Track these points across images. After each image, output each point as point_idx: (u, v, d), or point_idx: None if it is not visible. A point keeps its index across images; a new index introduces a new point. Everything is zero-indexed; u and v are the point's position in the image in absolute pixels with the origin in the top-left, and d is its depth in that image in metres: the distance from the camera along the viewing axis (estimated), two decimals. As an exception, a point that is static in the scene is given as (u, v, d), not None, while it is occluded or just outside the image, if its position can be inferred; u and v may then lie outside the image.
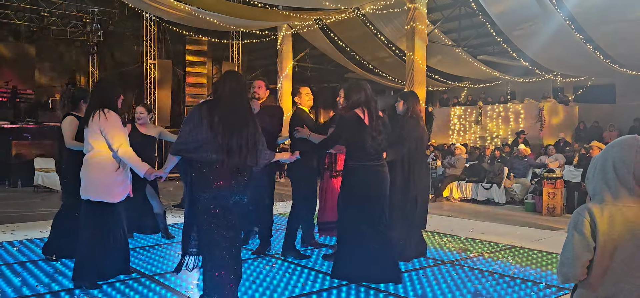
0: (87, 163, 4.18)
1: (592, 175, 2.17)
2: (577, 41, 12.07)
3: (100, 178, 4.13)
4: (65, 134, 4.94)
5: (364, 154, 4.41)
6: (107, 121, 4.10)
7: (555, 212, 8.86)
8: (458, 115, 17.67)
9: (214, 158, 3.49)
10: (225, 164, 3.49)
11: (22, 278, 4.46)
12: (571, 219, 2.14)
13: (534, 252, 5.72)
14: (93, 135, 4.13)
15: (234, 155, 3.50)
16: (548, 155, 11.41)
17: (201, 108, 3.61)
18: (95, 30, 15.72)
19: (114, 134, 4.10)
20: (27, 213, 8.35)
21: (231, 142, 3.50)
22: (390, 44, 15.97)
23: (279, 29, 16.92)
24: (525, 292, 4.24)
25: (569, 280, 2.14)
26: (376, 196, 4.44)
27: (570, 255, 2.09)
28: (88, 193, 4.15)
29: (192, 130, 3.53)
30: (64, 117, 5.10)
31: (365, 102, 4.46)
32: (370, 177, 4.42)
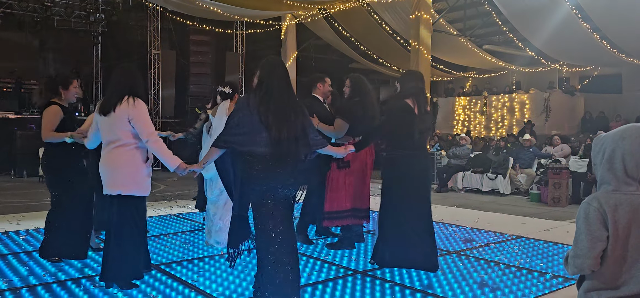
0: (113, 155, 3.85)
1: (599, 162, 2.14)
2: (584, 30, 11.96)
3: (132, 171, 3.85)
4: (44, 125, 4.51)
5: (410, 143, 4.48)
6: (137, 109, 3.82)
7: (561, 203, 8.82)
8: (463, 105, 17.60)
9: (264, 151, 3.41)
10: (276, 156, 3.41)
11: (28, 268, 4.48)
12: (581, 210, 2.11)
13: (540, 243, 5.70)
14: (120, 124, 3.81)
15: (284, 146, 3.42)
16: (553, 145, 11.36)
17: (248, 99, 3.52)
18: (99, 21, 15.68)
19: (144, 123, 3.83)
20: (32, 203, 8.38)
21: (282, 133, 3.41)
22: (394, 33, 15.88)
23: (283, 18, 16.84)
24: (531, 283, 4.23)
25: (583, 271, 2.12)
26: (420, 185, 4.55)
27: (584, 246, 2.07)
28: (118, 187, 3.83)
29: (240, 122, 3.44)
30: (47, 106, 4.59)
31: (416, 92, 4.52)
32: (415, 166, 4.50)
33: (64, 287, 3.96)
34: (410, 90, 4.51)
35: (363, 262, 4.83)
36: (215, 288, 4.00)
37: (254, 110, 3.45)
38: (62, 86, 4.64)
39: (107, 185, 3.87)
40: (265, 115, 3.42)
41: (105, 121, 3.87)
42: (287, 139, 3.43)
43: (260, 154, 3.41)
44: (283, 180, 3.48)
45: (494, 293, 3.94)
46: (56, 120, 4.52)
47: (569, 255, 2.17)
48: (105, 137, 3.92)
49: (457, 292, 3.97)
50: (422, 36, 12.36)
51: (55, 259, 4.63)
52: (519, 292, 3.98)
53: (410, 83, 4.55)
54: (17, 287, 3.97)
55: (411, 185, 4.49)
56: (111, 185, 3.85)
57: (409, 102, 4.47)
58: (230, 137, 3.47)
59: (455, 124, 17.50)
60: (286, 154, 3.43)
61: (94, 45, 16.42)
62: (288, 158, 3.45)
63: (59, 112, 4.55)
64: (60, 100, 4.63)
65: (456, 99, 17.99)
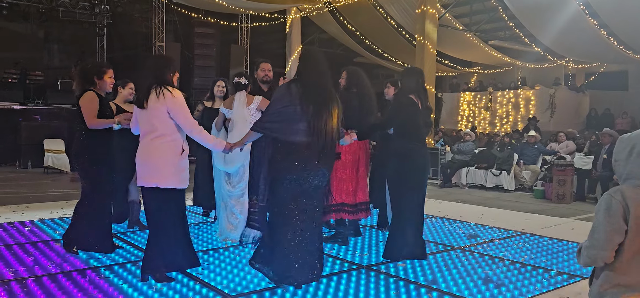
0: (150, 147, 3.78)
1: (625, 158, 2.13)
2: (591, 27, 11.88)
3: (168, 163, 3.78)
4: (87, 113, 4.42)
5: (417, 137, 4.62)
6: (176, 100, 3.75)
7: (565, 200, 8.80)
8: (468, 101, 17.54)
9: (303, 140, 3.48)
10: (313, 146, 3.48)
11: (34, 258, 4.50)
12: (602, 201, 2.10)
13: (544, 239, 5.68)
14: (158, 115, 3.74)
15: (322, 137, 3.50)
16: (558, 142, 11.30)
17: (290, 88, 3.57)
18: (104, 12, 15.69)
19: (186, 114, 3.79)
20: (37, 194, 8.41)
21: (320, 123, 3.49)
22: (400, 28, 15.82)
23: (288, 12, 16.80)
24: (536, 279, 4.22)
25: (596, 263, 2.11)
26: (424, 177, 4.72)
27: (601, 237, 2.06)
28: (155, 180, 3.76)
29: (282, 110, 3.49)
30: (83, 93, 4.51)
31: (418, 88, 4.64)
32: (422, 159, 4.66)
33: (69, 278, 3.97)
34: (413, 86, 4.64)
35: (367, 257, 4.83)
36: (220, 280, 4.01)
37: (296, 100, 3.51)
38: (96, 76, 4.56)
39: (143, 177, 3.81)
40: (307, 106, 3.49)
41: (142, 113, 3.83)
42: (325, 129, 3.52)
43: (299, 143, 3.48)
44: (318, 169, 3.56)
45: (498, 289, 3.93)
46: (96, 106, 4.44)
47: (582, 246, 2.16)
48: (142, 128, 3.87)
49: (461, 288, 3.96)
50: (428, 31, 12.33)
51: (73, 249, 4.59)
52: (524, 288, 3.97)
53: (413, 79, 4.68)
54: (23, 277, 3.99)
55: (419, 177, 4.64)
56: (148, 178, 3.78)
57: (413, 98, 4.59)
58: (271, 123, 3.53)
59: (460, 120, 17.45)
60: (323, 144, 3.53)
61: (99, 37, 16.42)
62: (325, 149, 3.54)
63: (95, 98, 4.47)
64: (96, 89, 4.56)
65: (461, 95, 17.92)
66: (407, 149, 4.58)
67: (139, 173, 3.84)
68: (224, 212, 5.34)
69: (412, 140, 4.59)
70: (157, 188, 3.78)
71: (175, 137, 3.81)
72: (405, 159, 4.57)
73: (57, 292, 3.65)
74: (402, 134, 4.62)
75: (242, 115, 5.24)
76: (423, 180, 4.70)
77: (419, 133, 4.64)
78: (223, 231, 5.34)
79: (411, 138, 4.58)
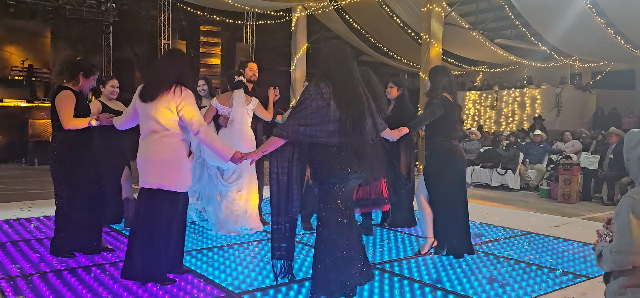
0: (156, 146, 3.58)
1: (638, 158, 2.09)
2: (598, 25, 11.80)
3: (175, 164, 3.60)
4: (63, 112, 4.17)
5: (454, 133, 4.71)
6: (185, 99, 3.57)
7: (571, 199, 8.75)
8: (473, 100, 17.47)
9: (337, 141, 3.32)
10: (349, 146, 3.34)
11: (39, 255, 4.52)
12: (624, 204, 2.05)
13: (550, 239, 5.66)
14: (165, 112, 3.55)
15: (357, 136, 3.36)
16: (564, 141, 11.24)
17: (319, 87, 3.37)
18: (110, 10, 15.74)
19: (193, 114, 3.59)
20: (44, 191, 8.45)
21: (354, 122, 3.34)
22: (406, 26, 15.78)
23: (293, 10, 16.79)
24: (541, 279, 4.20)
25: (625, 266, 2.05)
26: (463, 170, 4.88)
27: (629, 240, 2.00)
28: (159, 181, 3.57)
29: (315, 111, 3.30)
30: (58, 91, 4.28)
31: (449, 86, 4.70)
32: (460, 154, 4.79)
33: (74, 274, 3.99)
34: (444, 84, 4.70)
35: (371, 255, 4.82)
36: (224, 278, 4.01)
37: (329, 99, 3.33)
38: (83, 74, 4.34)
39: (147, 177, 3.60)
40: (341, 106, 3.33)
41: (147, 108, 3.58)
42: (359, 128, 3.38)
43: (333, 145, 3.33)
44: (357, 171, 3.42)
45: (503, 289, 3.92)
46: (72, 104, 4.21)
47: (603, 251, 2.11)
48: (146, 126, 3.63)
49: (466, 287, 3.95)
50: (434, 29, 12.28)
51: (69, 254, 4.41)
52: (529, 288, 3.95)
53: (445, 77, 4.75)
54: (28, 273, 4.01)
55: (460, 171, 4.80)
56: (152, 178, 3.58)
57: (446, 95, 4.65)
58: (300, 126, 3.31)
59: (465, 119, 17.38)
60: (358, 143, 3.38)
61: (105, 35, 16.47)
62: (361, 147, 3.40)
63: (71, 97, 4.23)
64: (74, 86, 4.32)
65: (466, 93, 17.85)
66: (445, 147, 4.65)
67: (142, 173, 3.65)
68: (220, 207, 5.32)
69: (449, 138, 4.68)
70: (161, 191, 3.60)
71: (182, 137, 3.66)
72: (448, 157, 4.64)
73: (62, 289, 3.67)
74: (439, 132, 4.65)
75: (242, 114, 5.24)
76: (463, 175, 4.88)
77: (456, 130, 4.77)
78: (223, 225, 5.33)
79: (449, 136, 4.67)
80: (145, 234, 3.65)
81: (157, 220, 3.63)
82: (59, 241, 4.42)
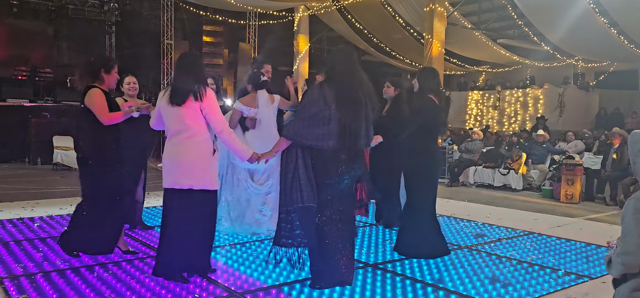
0: (185, 147, 3.66)
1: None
2: (601, 25, 11.77)
3: (204, 164, 3.70)
4: (98, 108, 4.12)
5: (435, 137, 4.80)
6: (209, 100, 3.68)
7: (574, 199, 8.74)
8: (475, 99, 17.45)
9: (336, 144, 3.49)
10: (346, 149, 3.52)
11: (43, 254, 4.53)
12: (629, 206, 2.04)
13: (552, 239, 5.65)
14: (193, 114, 3.64)
15: (354, 139, 3.55)
16: (567, 141, 11.22)
17: (323, 90, 3.52)
18: (113, 10, 15.78)
19: (217, 114, 3.72)
20: (47, 191, 8.48)
21: (353, 127, 3.52)
22: (408, 26, 15.77)
23: (295, 10, 16.79)
24: (543, 279, 4.20)
25: (632, 269, 2.05)
26: (438, 176, 4.94)
27: (634, 241, 2.00)
28: (190, 181, 3.64)
29: (316, 113, 3.47)
30: (88, 90, 4.22)
31: (437, 89, 4.75)
32: (438, 158, 4.91)
33: (78, 274, 4.00)
34: (432, 86, 4.72)
35: (374, 255, 4.82)
36: (227, 278, 4.01)
37: (331, 104, 3.47)
38: (104, 70, 4.28)
39: (176, 178, 3.65)
40: (341, 110, 3.48)
41: (175, 111, 3.67)
42: (357, 133, 3.56)
43: (332, 148, 3.49)
44: (350, 172, 3.60)
45: (505, 289, 3.92)
46: (105, 101, 4.18)
47: (611, 255, 2.11)
48: (172, 127, 3.71)
49: (468, 287, 3.95)
50: (436, 29, 12.27)
51: (74, 252, 4.38)
52: (531, 288, 3.95)
53: (433, 80, 4.77)
54: (32, 272, 4.02)
55: (436, 176, 4.87)
56: (182, 178, 3.64)
57: (433, 98, 4.67)
58: (304, 129, 3.48)
59: (468, 119, 17.36)
60: (354, 146, 3.57)
61: (108, 35, 16.52)
62: (356, 151, 3.60)
63: (102, 94, 4.20)
64: (101, 85, 4.28)
65: (469, 93, 17.82)
66: (426, 148, 4.67)
67: (170, 174, 3.69)
68: (247, 210, 5.29)
69: (431, 140, 4.75)
70: (191, 190, 3.67)
71: (207, 136, 3.74)
72: (425, 157, 4.66)
73: (65, 288, 3.68)
74: (421, 133, 4.66)
75: (268, 115, 5.22)
76: (437, 178, 4.92)
77: (437, 133, 4.84)
78: (248, 227, 5.32)
79: (429, 138, 4.72)
80: (178, 233, 3.71)
81: (189, 219, 3.72)
82: (72, 238, 4.36)
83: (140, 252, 4.70)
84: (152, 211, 6.71)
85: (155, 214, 6.51)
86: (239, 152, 3.85)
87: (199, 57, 3.97)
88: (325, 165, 3.56)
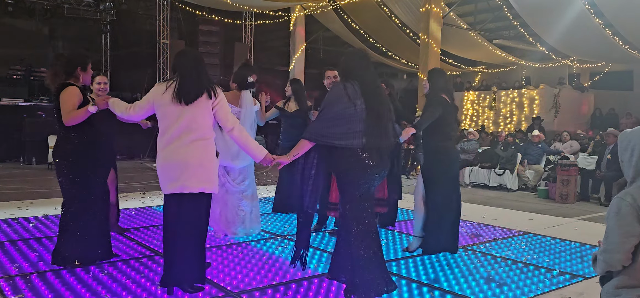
0: (193, 149, 3.43)
1: (629, 159, 2.12)
2: (596, 26, 11.83)
3: (213, 166, 3.53)
4: (64, 107, 3.94)
5: (450, 134, 4.81)
6: (222, 98, 3.54)
7: (569, 200, 8.77)
8: (471, 100, 17.50)
9: (363, 143, 3.40)
10: (375, 148, 3.45)
11: (38, 254, 4.52)
12: (613, 205, 2.09)
13: (547, 239, 5.68)
14: (203, 114, 3.47)
15: (383, 138, 3.48)
16: (562, 141, 11.27)
17: (346, 88, 3.43)
18: (108, 9, 15.74)
19: (229, 112, 3.56)
20: (42, 190, 8.45)
21: (380, 125, 3.45)
22: (404, 26, 15.80)
23: (292, 10, 16.79)
24: (538, 278, 4.22)
25: (613, 267, 2.10)
26: (458, 171, 5.05)
27: (615, 240, 2.05)
28: (201, 184, 3.45)
29: (342, 112, 3.37)
30: (62, 88, 4.01)
31: (447, 88, 4.79)
32: (455, 155, 4.93)
33: (73, 274, 3.98)
34: (442, 86, 4.78)
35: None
36: (223, 278, 4.02)
37: (356, 100, 3.40)
38: (81, 67, 4.11)
39: (185, 181, 3.40)
40: (368, 105, 3.42)
41: (183, 110, 3.42)
42: (386, 128, 3.50)
43: (359, 146, 3.41)
44: (379, 171, 3.53)
45: (500, 289, 3.93)
46: (76, 101, 3.98)
47: (596, 253, 2.15)
48: (177, 126, 3.43)
49: (463, 287, 3.97)
50: (432, 29, 12.29)
51: (75, 263, 4.11)
52: (526, 288, 3.97)
53: (442, 79, 4.85)
54: (27, 272, 4.01)
55: (454, 173, 4.94)
56: (193, 182, 3.41)
57: (444, 97, 4.71)
58: (328, 129, 3.39)
59: (464, 119, 17.40)
60: (383, 145, 3.51)
61: (103, 34, 16.48)
62: (385, 150, 3.54)
63: (77, 93, 4.00)
64: (76, 82, 4.10)
65: (465, 94, 17.87)
66: (442, 147, 4.72)
67: (177, 177, 3.42)
68: (227, 207, 5.28)
69: (446, 139, 4.76)
70: (202, 194, 3.48)
71: (213, 137, 3.57)
72: (442, 156, 4.71)
73: (61, 288, 3.67)
74: (435, 132, 4.69)
75: (251, 115, 5.23)
76: (457, 175, 5.07)
77: (452, 131, 4.87)
78: (230, 226, 5.29)
79: (445, 136, 4.75)
80: (191, 240, 3.51)
81: (202, 224, 3.57)
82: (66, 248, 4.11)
83: (136, 252, 4.69)
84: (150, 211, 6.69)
85: (149, 215, 6.50)
86: (252, 151, 3.65)
87: (201, 56, 3.75)
88: (355, 165, 3.42)
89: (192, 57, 3.60)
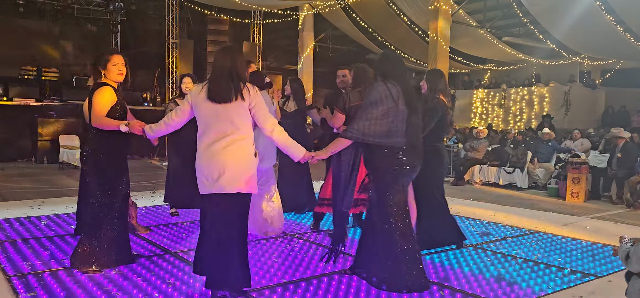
0: (232, 149, 3.33)
1: None
2: (607, 22, 11.72)
3: (252, 167, 3.43)
4: (96, 108, 3.87)
5: (443, 136, 4.91)
6: (258, 97, 3.41)
7: (579, 198, 8.70)
8: (481, 98, 17.41)
9: (405, 141, 3.53)
10: (413, 146, 3.57)
11: (50, 252, 4.56)
12: None
13: (558, 238, 5.64)
14: (242, 113, 3.35)
15: (419, 136, 3.64)
16: (573, 139, 11.18)
17: (389, 88, 3.51)
18: (118, 9, 15.83)
19: (267, 113, 3.46)
20: (53, 189, 8.53)
21: (418, 124, 3.60)
22: (413, 24, 15.75)
23: (300, 8, 16.81)
24: (549, 277, 4.19)
25: None
26: (445, 171, 5.17)
27: None
28: (239, 185, 3.33)
29: (387, 112, 3.46)
30: (97, 87, 3.96)
31: (445, 90, 4.84)
32: (445, 155, 5.04)
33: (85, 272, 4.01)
34: (440, 87, 4.79)
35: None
36: (232, 276, 4.03)
37: (398, 100, 3.49)
38: (101, 66, 4.00)
39: (223, 182, 3.31)
40: (408, 106, 3.53)
41: (219, 109, 3.32)
42: (420, 128, 3.66)
43: (401, 146, 3.52)
44: (416, 170, 3.67)
45: (510, 287, 3.92)
46: (110, 102, 3.90)
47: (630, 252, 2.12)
48: (214, 128, 3.34)
49: (473, 286, 3.95)
50: (441, 27, 12.25)
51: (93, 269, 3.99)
52: (537, 287, 3.95)
53: (441, 80, 4.85)
54: (40, 271, 4.05)
55: (443, 173, 5.09)
56: (230, 183, 3.31)
57: (442, 98, 4.74)
58: (372, 128, 3.46)
59: (473, 117, 17.32)
60: (420, 145, 3.66)
61: (113, 34, 16.58)
62: (420, 149, 3.67)
63: (111, 95, 3.92)
64: (109, 81, 4.00)
65: (474, 92, 17.78)
66: (436, 148, 4.76)
67: (215, 177, 3.32)
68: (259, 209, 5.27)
69: (440, 140, 4.85)
70: (240, 194, 3.37)
71: (252, 137, 3.45)
72: (435, 157, 4.73)
73: (73, 286, 3.70)
74: (430, 135, 4.66)
75: None
76: (443, 173, 5.18)
77: (445, 133, 4.98)
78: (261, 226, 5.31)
79: (438, 137, 4.81)
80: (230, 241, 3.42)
81: (241, 224, 3.47)
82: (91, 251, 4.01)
83: (147, 250, 4.73)
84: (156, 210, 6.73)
85: (158, 213, 6.53)
86: (292, 150, 3.55)
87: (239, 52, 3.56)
88: (396, 164, 3.55)
89: (228, 56, 3.43)
